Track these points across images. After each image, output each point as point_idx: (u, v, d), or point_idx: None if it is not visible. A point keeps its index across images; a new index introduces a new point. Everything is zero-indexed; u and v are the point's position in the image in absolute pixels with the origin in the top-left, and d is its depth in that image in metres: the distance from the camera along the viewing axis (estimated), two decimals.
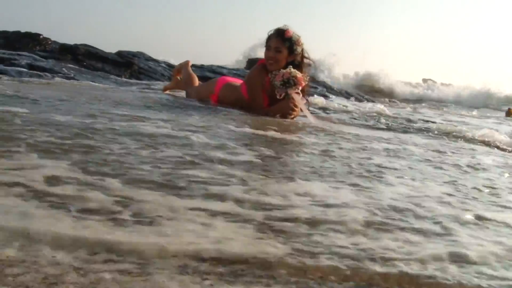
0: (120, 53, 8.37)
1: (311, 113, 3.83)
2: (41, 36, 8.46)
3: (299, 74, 3.48)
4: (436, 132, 3.86)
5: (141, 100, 3.68)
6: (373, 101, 9.50)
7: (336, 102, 6.40)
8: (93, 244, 0.92)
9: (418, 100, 13.18)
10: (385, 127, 3.97)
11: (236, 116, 3.23)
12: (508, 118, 8.45)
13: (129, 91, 4.66)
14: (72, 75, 5.26)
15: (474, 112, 9.20)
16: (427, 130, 3.94)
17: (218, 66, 9.25)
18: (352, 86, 12.42)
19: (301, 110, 3.61)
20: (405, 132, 3.76)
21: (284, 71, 3.48)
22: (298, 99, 3.54)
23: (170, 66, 8.05)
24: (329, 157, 2.11)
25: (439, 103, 13.04)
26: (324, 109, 5.00)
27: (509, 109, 10.32)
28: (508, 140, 3.58)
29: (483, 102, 14.76)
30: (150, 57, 8.52)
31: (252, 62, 17.03)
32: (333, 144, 2.51)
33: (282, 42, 3.58)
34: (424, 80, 19.39)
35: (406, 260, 1.04)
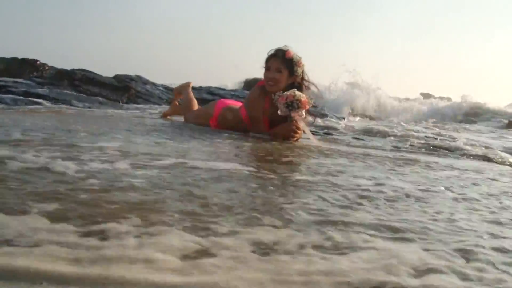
0: (117, 77, 8.32)
1: (313, 133, 3.75)
2: (38, 62, 8.44)
3: (303, 97, 3.36)
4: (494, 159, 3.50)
5: (179, 130, 3.58)
6: (373, 119, 9.44)
7: (337, 121, 6.33)
8: None
9: (419, 116, 13.03)
10: (428, 152, 3.64)
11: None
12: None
13: (143, 117, 4.59)
14: (69, 102, 5.18)
15: (479, 127, 9.10)
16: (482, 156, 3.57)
17: (216, 88, 9.21)
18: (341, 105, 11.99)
19: (304, 131, 3.52)
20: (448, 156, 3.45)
21: (288, 93, 3.36)
22: (301, 122, 3.45)
23: (168, 89, 8.00)
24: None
25: (440, 117, 12.91)
26: (327, 128, 4.90)
27: (509, 121, 10.29)
28: None
29: (480, 115, 14.66)
30: (147, 80, 8.47)
31: (250, 83, 17.04)
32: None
33: (283, 63, 3.50)
34: (423, 95, 19.20)
35: None
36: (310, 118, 3.64)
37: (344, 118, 8.00)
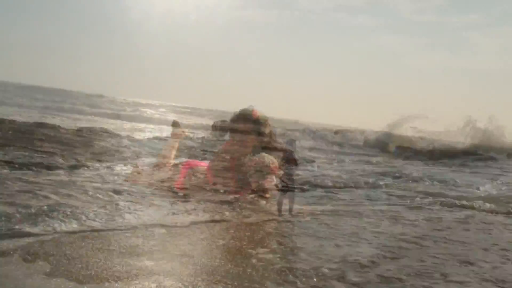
0: (80, 130, 8.10)
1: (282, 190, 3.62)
2: None
3: (273, 164, 3.20)
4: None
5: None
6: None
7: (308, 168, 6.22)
8: None
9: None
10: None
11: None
12: None
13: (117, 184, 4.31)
14: (26, 166, 4.87)
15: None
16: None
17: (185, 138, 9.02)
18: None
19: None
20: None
21: (257, 159, 3.20)
22: (269, 182, 3.31)
23: (134, 141, 7.80)
24: None
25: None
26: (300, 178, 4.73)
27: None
28: None
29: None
30: (113, 132, 8.26)
31: (215, 127, 16.87)
32: None
33: (249, 124, 3.39)
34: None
35: None
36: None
37: (314, 161, 7.95)
